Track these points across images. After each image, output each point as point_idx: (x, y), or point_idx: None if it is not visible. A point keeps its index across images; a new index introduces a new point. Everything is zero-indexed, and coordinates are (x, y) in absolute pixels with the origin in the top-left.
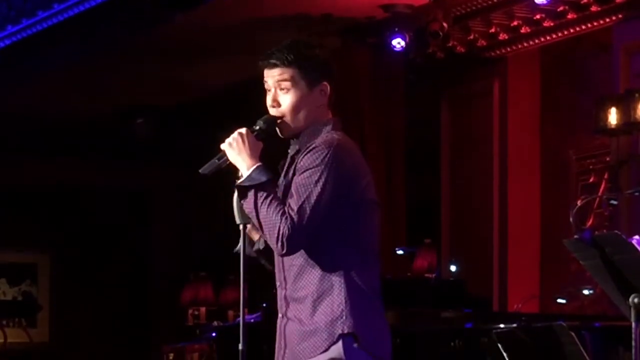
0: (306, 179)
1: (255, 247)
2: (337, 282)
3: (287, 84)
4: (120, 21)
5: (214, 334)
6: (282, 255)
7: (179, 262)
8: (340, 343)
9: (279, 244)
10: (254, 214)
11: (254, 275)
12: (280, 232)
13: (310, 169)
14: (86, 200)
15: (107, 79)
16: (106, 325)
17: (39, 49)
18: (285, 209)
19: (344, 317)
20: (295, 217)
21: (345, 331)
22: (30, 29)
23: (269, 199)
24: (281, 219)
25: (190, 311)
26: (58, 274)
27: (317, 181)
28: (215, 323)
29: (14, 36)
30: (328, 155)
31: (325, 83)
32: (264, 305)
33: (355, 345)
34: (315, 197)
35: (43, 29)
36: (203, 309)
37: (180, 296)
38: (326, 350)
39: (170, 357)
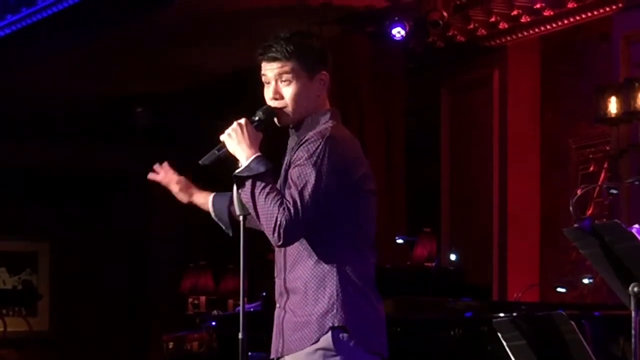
0: (301, 169)
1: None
2: (330, 273)
3: (288, 76)
4: (119, 7)
5: (213, 323)
6: (279, 246)
7: (179, 250)
8: (329, 334)
9: (276, 234)
10: (251, 204)
11: (253, 264)
12: (278, 223)
13: (305, 159)
14: (87, 187)
15: (107, 66)
16: (106, 314)
17: (38, 36)
18: (283, 200)
19: (335, 310)
20: (292, 208)
21: (336, 324)
22: (30, 17)
23: (267, 189)
24: (279, 210)
25: (190, 300)
26: (58, 263)
27: (311, 172)
28: (215, 312)
29: (14, 25)
30: (321, 145)
31: (324, 72)
32: (264, 294)
33: (344, 338)
34: (311, 188)
35: (42, 18)
36: (203, 298)
37: (180, 285)
38: (316, 341)
39: (170, 346)
